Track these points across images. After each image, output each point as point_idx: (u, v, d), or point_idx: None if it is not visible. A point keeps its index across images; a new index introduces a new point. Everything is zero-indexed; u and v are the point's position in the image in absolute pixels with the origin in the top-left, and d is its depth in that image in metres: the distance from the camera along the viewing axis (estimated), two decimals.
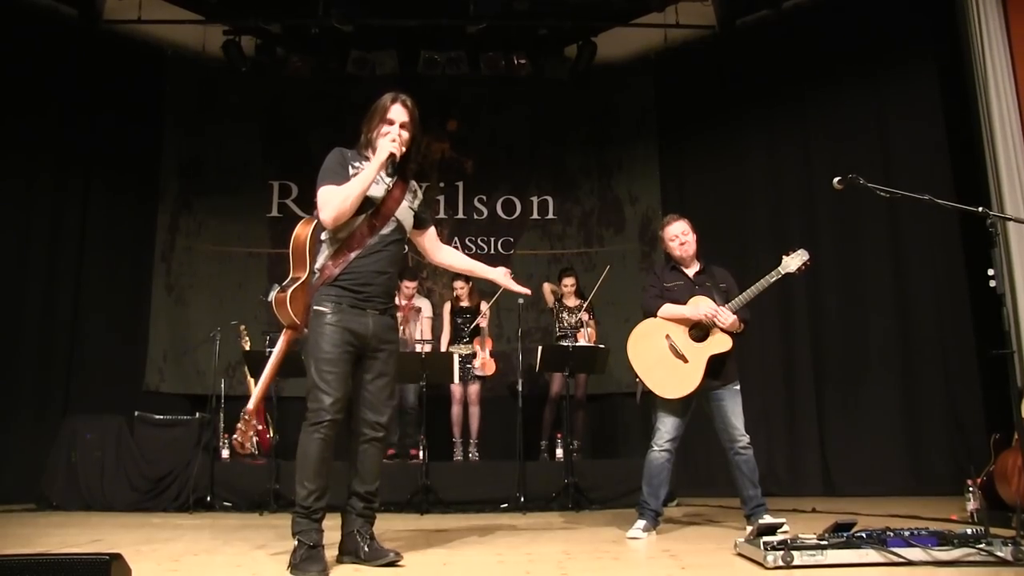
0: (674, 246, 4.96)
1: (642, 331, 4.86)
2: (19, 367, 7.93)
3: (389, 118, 3.81)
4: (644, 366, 4.78)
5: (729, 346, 4.69)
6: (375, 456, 3.77)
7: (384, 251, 3.69)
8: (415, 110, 3.87)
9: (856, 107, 7.96)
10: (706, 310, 4.68)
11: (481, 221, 9.63)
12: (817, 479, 7.66)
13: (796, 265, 4.70)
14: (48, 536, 4.88)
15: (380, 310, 3.67)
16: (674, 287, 4.89)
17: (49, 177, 8.35)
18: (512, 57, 9.31)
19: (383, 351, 3.69)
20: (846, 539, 3.26)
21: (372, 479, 3.77)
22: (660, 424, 4.81)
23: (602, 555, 3.86)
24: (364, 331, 3.61)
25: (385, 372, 3.71)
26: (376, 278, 3.65)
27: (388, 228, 3.72)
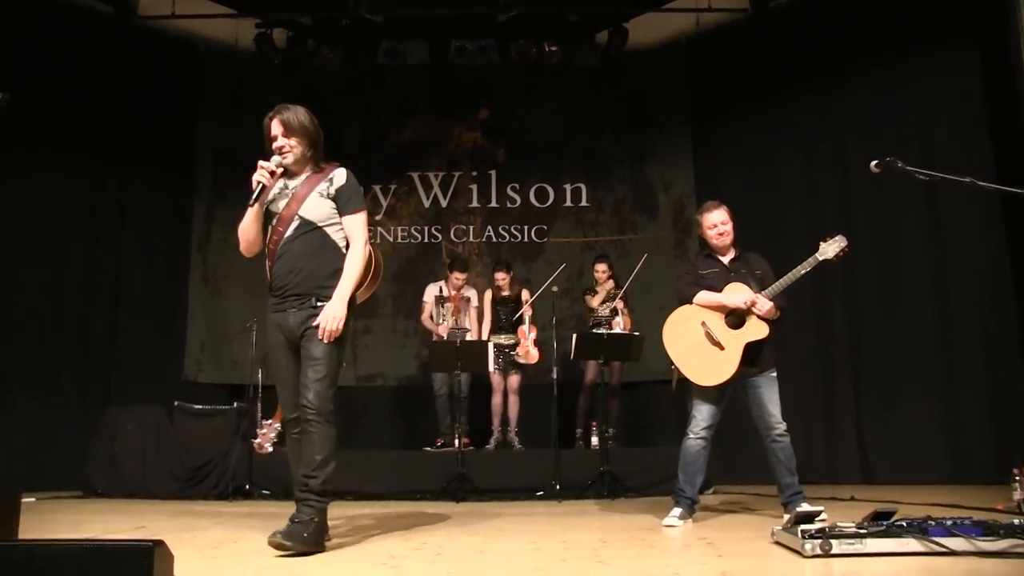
0: (712, 234, 4.89)
1: (678, 318, 4.82)
2: (62, 359, 8.10)
3: (271, 135, 3.99)
4: (680, 353, 4.74)
5: (766, 333, 4.63)
6: (307, 438, 3.73)
7: (289, 250, 3.87)
8: (293, 115, 4.00)
9: (894, 90, 7.80)
10: (744, 298, 4.63)
11: (514, 209, 9.62)
12: (855, 467, 7.58)
13: (834, 252, 4.63)
14: (93, 523, 4.97)
15: (297, 306, 3.84)
16: (709, 274, 4.83)
17: (87, 172, 8.48)
18: (543, 44, 9.26)
19: (303, 338, 3.81)
20: (886, 528, 3.21)
21: (307, 461, 3.71)
22: (696, 412, 4.78)
23: (638, 543, 3.86)
24: (286, 330, 3.86)
25: (306, 356, 3.79)
26: (287, 278, 3.86)
27: (291, 228, 3.89)
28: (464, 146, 9.74)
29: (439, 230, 9.54)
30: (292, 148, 3.93)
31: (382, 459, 7.39)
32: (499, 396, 7.85)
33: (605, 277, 8.00)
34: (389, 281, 9.33)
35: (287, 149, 3.93)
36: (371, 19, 8.54)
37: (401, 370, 9.19)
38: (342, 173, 4.00)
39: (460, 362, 6.85)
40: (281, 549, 3.42)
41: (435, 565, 3.27)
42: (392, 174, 9.58)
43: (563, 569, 3.09)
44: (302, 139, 3.96)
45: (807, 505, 4.50)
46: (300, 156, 3.95)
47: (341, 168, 4.03)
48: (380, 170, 9.46)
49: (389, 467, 7.06)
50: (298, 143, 3.94)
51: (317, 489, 3.67)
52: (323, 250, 3.91)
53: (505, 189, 9.65)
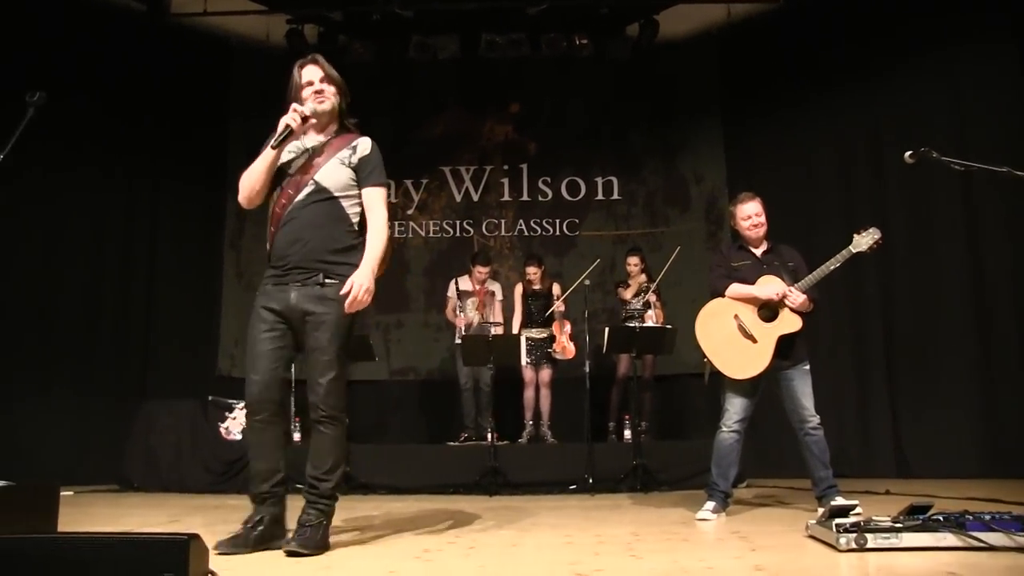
0: (746, 226, 4.85)
1: (710, 311, 4.80)
2: (98, 355, 8.22)
3: (306, 81, 3.66)
4: (712, 346, 4.73)
5: (799, 326, 4.60)
6: (317, 438, 3.54)
7: (298, 217, 3.52)
8: (328, 64, 3.72)
9: (928, 80, 7.68)
10: (775, 290, 4.60)
11: (545, 203, 9.61)
12: (890, 460, 7.50)
13: (867, 244, 4.58)
14: (130, 516, 5.04)
15: (302, 281, 3.49)
16: (741, 267, 4.81)
17: (121, 168, 8.59)
18: (573, 37, 9.24)
19: (308, 323, 3.48)
20: (922, 522, 3.17)
21: (317, 463, 3.52)
22: (728, 405, 4.77)
23: (671, 536, 3.85)
24: (283, 305, 3.49)
25: (315, 346, 3.49)
26: (291, 248, 3.50)
27: (304, 193, 3.55)
28: (495, 140, 9.75)
29: (471, 224, 9.56)
30: (330, 97, 3.64)
31: (415, 453, 7.43)
32: (531, 390, 7.85)
33: (638, 270, 7.98)
34: (421, 275, 9.38)
35: (326, 96, 3.63)
36: (401, 14, 8.57)
37: (433, 364, 9.22)
38: (367, 142, 3.70)
39: (492, 355, 6.87)
40: (296, 556, 3.26)
41: (468, 559, 3.27)
42: (423, 169, 9.61)
43: (596, 563, 3.08)
44: (339, 90, 3.68)
45: (841, 499, 4.49)
46: (333, 109, 3.65)
47: (367, 137, 3.72)
48: (411, 165, 9.50)
49: (422, 461, 7.09)
50: (335, 93, 3.66)
51: (328, 493, 3.51)
52: (335, 222, 3.57)
53: (536, 183, 9.64)
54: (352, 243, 3.59)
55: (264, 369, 3.47)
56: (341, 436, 3.54)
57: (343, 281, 3.45)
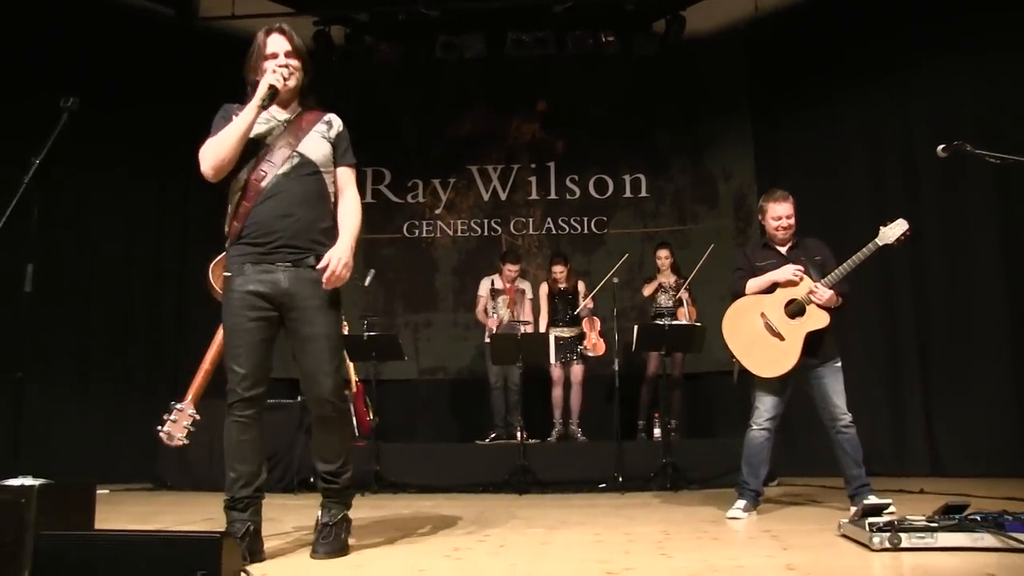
0: (775, 226, 4.82)
1: (737, 310, 4.79)
2: (131, 356, 8.33)
3: (270, 52, 3.43)
4: (740, 346, 4.72)
5: (826, 322, 4.56)
6: (329, 433, 3.39)
7: (285, 191, 3.29)
8: (295, 36, 3.50)
9: (960, 73, 7.57)
10: (792, 269, 4.58)
11: (573, 201, 9.60)
12: (924, 458, 7.41)
13: (895, 236, 4.52)
14: (164, 514, 5.10)
15: (292, 261, 3.26)
16: (766, 266, 4.78)
17: (151, 170, 8.67)
18: (599, 35, 9.21)
19: (303, 309, 3.27)
20: (958, 522, 3.14)
21: (332, 458, 3.38)
22: (759, 403, 4.75)
23: (702, 535, 3.83)
24: (273, 290, 3.24)
25: (314, 335, 3.28)
26: (279, 223, 3.25)
27: (288, 165, 3.32)
28: (522, 138, 9.75)
29: (498, 223, 9.57)
30: (295, 71, 3.41)
31: (444, 452, 7.45)
32: (559, 388, 7.85)
33: (668, 263, 7.96)
34: (449, 274, 9.40)
35: (292, 70, 3.39)
36: (427, 14, 8.58)
37: (462, 363, 9.24)
38: (338, 119, 3.54)
39: (521, 354, 6.87)
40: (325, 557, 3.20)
41: (498, 557, 3.28)
42: (451, 168, 9.64)
43: (626, 561, 3.08)
44: (304, 64, 3.46)
45: (874, 497, 4.41)
46: (298, 84, 3.44)
47: (333, 113, 3.56)
48: (439, 164, 9.53)
49: (451, 460, 7.11)
50: (300, 67, 3.44)
51: (349, 484, 3.43)
52: (320, 199, 3.38)
53: (564, 181, 9.64)
54: (333, 224, 3.42)
55: (253, 361, 3.26)
56: (350, 431, 3.46)
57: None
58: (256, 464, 3.31)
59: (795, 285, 4.62)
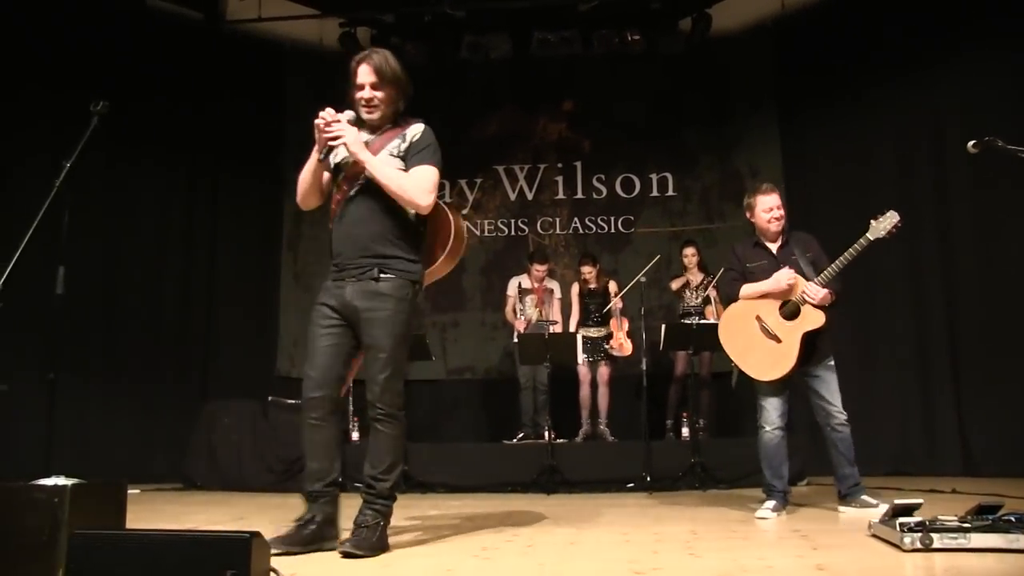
0: (766, 219, 4.82)
1: (731, 315, 4.81)
2: (161, 356, 8.42)
3: (358, 83, 3.58)
4: (737, 351, 4.73)
5: (822, 322, 4.56)
6: (375, 437, 3.49)
7: (350, 212, 3.51)
8: (384, 61, 3.57)
9: (991, 71, 7.44)
10: (786, 276, 4.56)
11: (600, 200, 9.58)
12: (956, 458, 7.31)
13: (885, 229, 4.49)
14: (194, 514, 5.13)
15: (356, 276, 3.45)
16: (757, 267, 4.79)
17: (181, 172, 8.80)
18: (625, 34, 9.18)
19: (364, 320, 3.43)
20: (992, 522, 3.10)
21: (375, 462, 3.47)
22: (765, 404, 4.76)
23: (731, 535, 3.82)
24: (340, 302, 3.47)
25: (370, 343, 3.44)
26: (344, 244, 3.50)
27: (357, 187, 3.52)
28: (549, 138, 9.74)
29: (525, 223, 9.57)
30: (380, 102, 3.56)
31: (472, 452, 7.45)
32: (587, 388, 7.84)
33: (695, 260, 7.93)
34: (477, 274, 9.41)
35: (376, 103, 3.55)
36: (453, 14, 8.62)
37: (490, 363, 9.25)
38: (419, 127, 3.61)
39: (549, 354, 6.87)
40: (352, 558, 3.23)
41: (527, 557, 3.28)
42: (478, 168, 9.65)
43: (655, 561, 3.07)
44: (392, 91, 3.57)
45: (867, 497, 4.55)
46: (386, 112, 3.59)
47: (420, 123, 3.63)
48: (466, 164, 9.53)
49: (479, 460, 7.12)
50: (387, 96, 3.56)
51: (386, 493, 3.46)
52: (387, 215, 3.50)
53: (591, 180, 9.62)
54: (407, 236, 3.54)
55: (321, 366, 3.46)
56: (399, 435, 3.50)
57: (399, 276, 3.46)
58: (327, 461, 3.49)
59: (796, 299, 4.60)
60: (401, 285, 3.47)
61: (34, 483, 2.79)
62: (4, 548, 2.68)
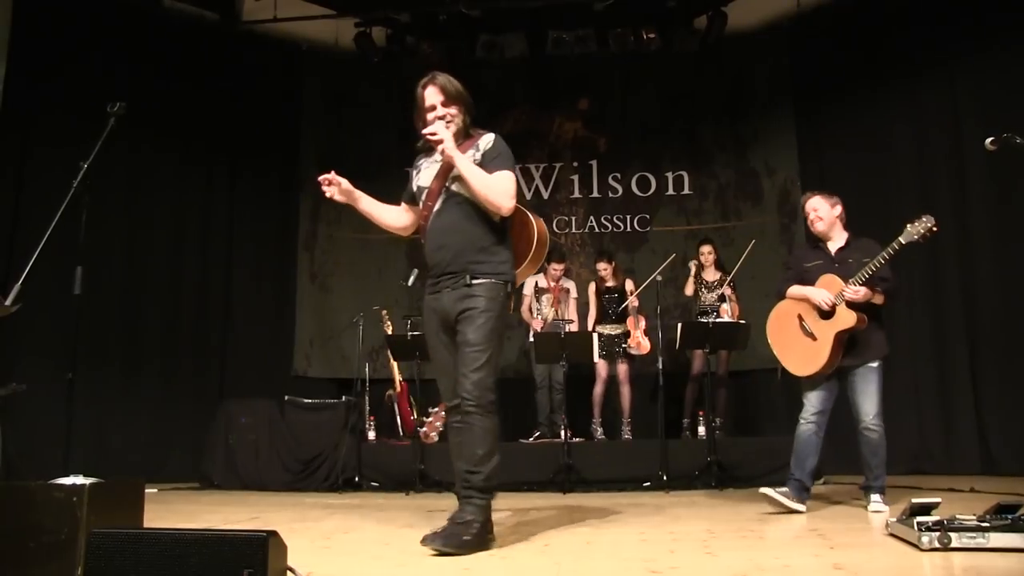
0: (809, 220, 5.00)
1: (778, 312, 5.00)
2: (180, 356, 8.49)
3: (428, 105, 3.80)
4: (780, 347, 4.95)
5: (854, 321, 4.61)
6: (468, 431, 3.52)
7: (438, 225, 3.69)
8: (447, 81, 3.82)
9: (1010, 68, 7.36)
10: (824, 298, 4.67)
11: (616, 199, 9.57)
12: (975, 456, 7.26)
13: (919, 233, 4.50)
14: (211, 513, 5.15)
15: (451, 285, 3.61)
16: (812, 267, 4.90)
17: (199, 172, 8.87)
18: (641, 32, 9.17)
19: (458, 321, 3.58)
20: (1011, 521, 3.07)
21: (468, 456, 3.51)
22: (804, 399, 4.89)
23: (747, 534, 3.80)
24: (441, 312, 3.65)
25: (462, 340, 3.56)
26: (436, 254, 3.67)
27: (440, 202, 3.71)
28: (565, 137, 9.73)
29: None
30: (454, 117, 3.74)
31: None
32: (601, 385, 7.82)
33: (712, 259, 7.90)
34: None
35: (450, 119, 3.72)
36: (468, 14, 8.62)
37: (506, 361, 9.22)
38: (490, 137, 3.79)
39: (565, 353, 6.86)
40: (437, 553, 3.22)
41: (544, 556, 3.28)
42: None
43: (671, 560, 3.06)
44: (459, 106, 3.78)
45: (878, 498, 4.67)
46: (459, 128, 3.74)
47: (490, 133, 3.82)
48: None
49: None
50: (458, 111, 3.77)
51: (480, 485, 3.46)
52: (473, 223, 3.64)
53: (607, 179, 9.61)
54: (495, 240, 3.67)
55: (445, 375, 3.70)
56: (490, 427, 3.54)
57: (490, 279, 3.59)
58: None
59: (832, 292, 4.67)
60: (492, 286, 3.59)
61: (52, 482, 2.81)
62: (23, 547, 2.70)
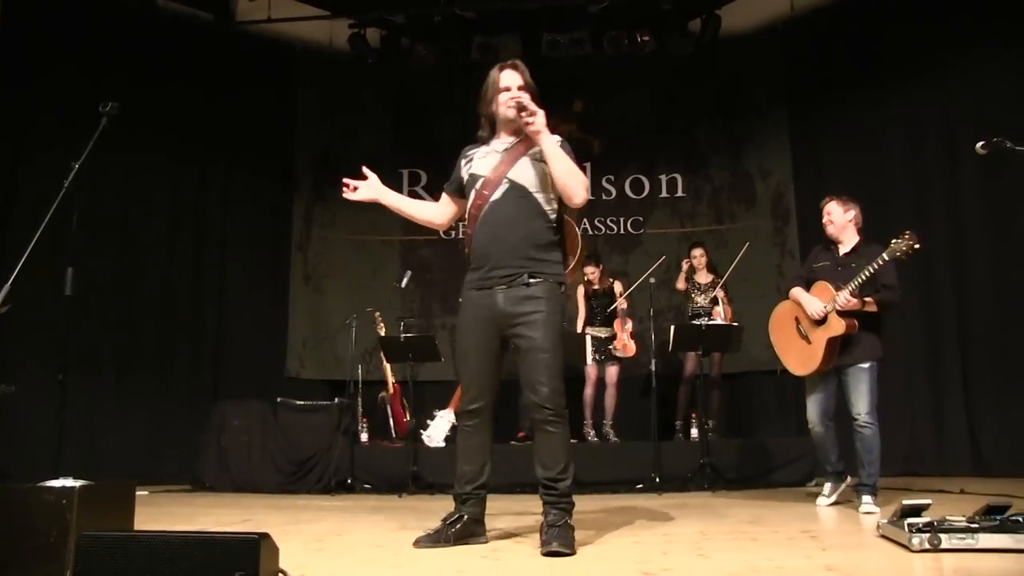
0: (823, 222, 5.25)
1: (777, 313, 5.34)
2: (172, 357, 8.44)
3: (504, 86, 3.72)
4: (780, 345, 5.29)
5: (843, 329, 4.83)
6: (546, 439, 3.53)
7: (495, 216, 3.55)
8: (527, 72, 3.79)
9: (1005, 71, 7.38)
10: (815, 309, 4.93)
11: (610, 201, 9.57)
12: (965, 458, 7.28)
13: (902, 249, 4.67)
14: (204, 515, 5.14)
15: (507, 283, 3.48)
16: (820, 268, 5.17)
17: (193, 172, 8.83)
18: (635, 34, 9.19)
19: (521, 324, 3.46)
20: (1000, 522, 3.09)
21: (550, 463, 3.52)
22: (807, 401, 5.21)
23: (740, 536, 3.81)
24: (491, 310, 3.50)
25: (532, 346, 3.45)
26: (491, 248, 3.52)
27: (499, 192, 3.58)
28: None
29: None
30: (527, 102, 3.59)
31: None
32: (591, 388, 7.79)
33: (704, 262, 7.91)
34: None
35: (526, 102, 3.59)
36: (463, 15, 8.62)
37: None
38: (556, 137, 3.67)
39: None
40: (559, 556, 3.25)
41: (536, 558, 3.28)
42: None
43: (664, 562, 3.07)
44: (533, 98, 3.65)
45: (868, 499, 4.76)
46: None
47: (555, 135, 3.68)
48: None
49: None
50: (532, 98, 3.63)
51: (568, 491, 3.52)
52: (533, 217, 3.56)
53: (600, 181, 9.60)
54: (552, 239, 3.61)
55: (479, 378, 3.60)
56: (568, 434, 3.58)
57: (547, 279, 3.51)
58: (478, 465, 3.68)
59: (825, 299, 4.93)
60: (552, 287, 3.53)
61: (42, 484, 2.80)
62: (13, 549, 2.69)
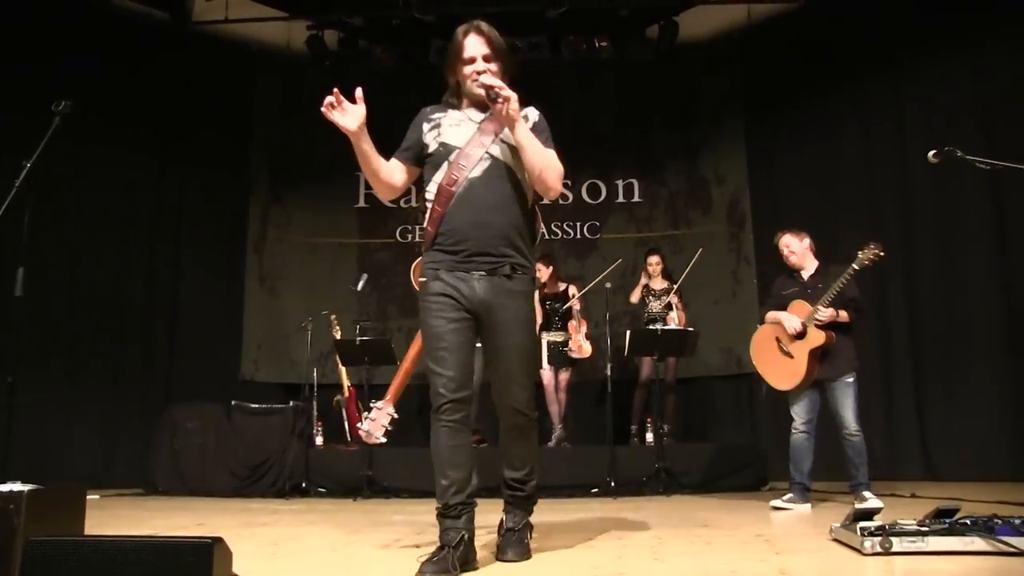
0: (784, 255, 5.65)
1: (757, 338, 5.66)
2: (123, 359, 8.33)
3: (468, 56, 3.28)
4: (763, 366, 5.59)
5: (823, 339, 5.22)
6: (520, 442, 3.39)
7: (476, 196, 3.15)
8: (494, 35, 3.32)
9: (955, 80, 7.55)
10: (793, 325, 5.32)
11: (566, 206, 9.58)
12: (916, 462, 7.40)
13: (869, 258, 5.14)
14: (155, 519, 5.07)
15: (487, 270, 3.13)
16: (788, 294, 5.54)
17: (147, 173, 8.71)
18: (593, 40, 9.24)
19: (498, 321, 3.15)
20: (949, 525, 3.14)
21: (520, 465, 3.42)
22: (792, 411, 5.50)
23: (694, 540, 3.83)
24: (470, 297, 3.12)
25: (508, 346, 3.18)
26: (472, 231, 3.12)
27: (480, 168, 3.18)
28: None
29: None
30: (494, 75, 3.23)
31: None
32: (551, 393, 7.79)
33: (659, 268, 7.94)
34: None
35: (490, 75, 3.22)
36: (421, 18, 8.59)
37: None
38: (534, 111, 3.39)
39: None
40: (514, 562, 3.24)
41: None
42: None
43: (619, 566, 3.08)
44: (502, 64, 3.29)
45: (868, 494, 5.13)
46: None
47: (532, 107, 3.39)
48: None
49: None
50: (498, 70, 3.26)
51: (533, 492, 3.51)
52: (515, 202, 3.20)
53: None
54: (529, 229, 3.31)
55: (457, 364, 3.13)
56: (537, 436, 3.50)
57: (525, 273, 3.22)
58: (468, 469, 3.25)
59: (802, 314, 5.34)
60: (528, 281, 3.26)
61: None
62: None
